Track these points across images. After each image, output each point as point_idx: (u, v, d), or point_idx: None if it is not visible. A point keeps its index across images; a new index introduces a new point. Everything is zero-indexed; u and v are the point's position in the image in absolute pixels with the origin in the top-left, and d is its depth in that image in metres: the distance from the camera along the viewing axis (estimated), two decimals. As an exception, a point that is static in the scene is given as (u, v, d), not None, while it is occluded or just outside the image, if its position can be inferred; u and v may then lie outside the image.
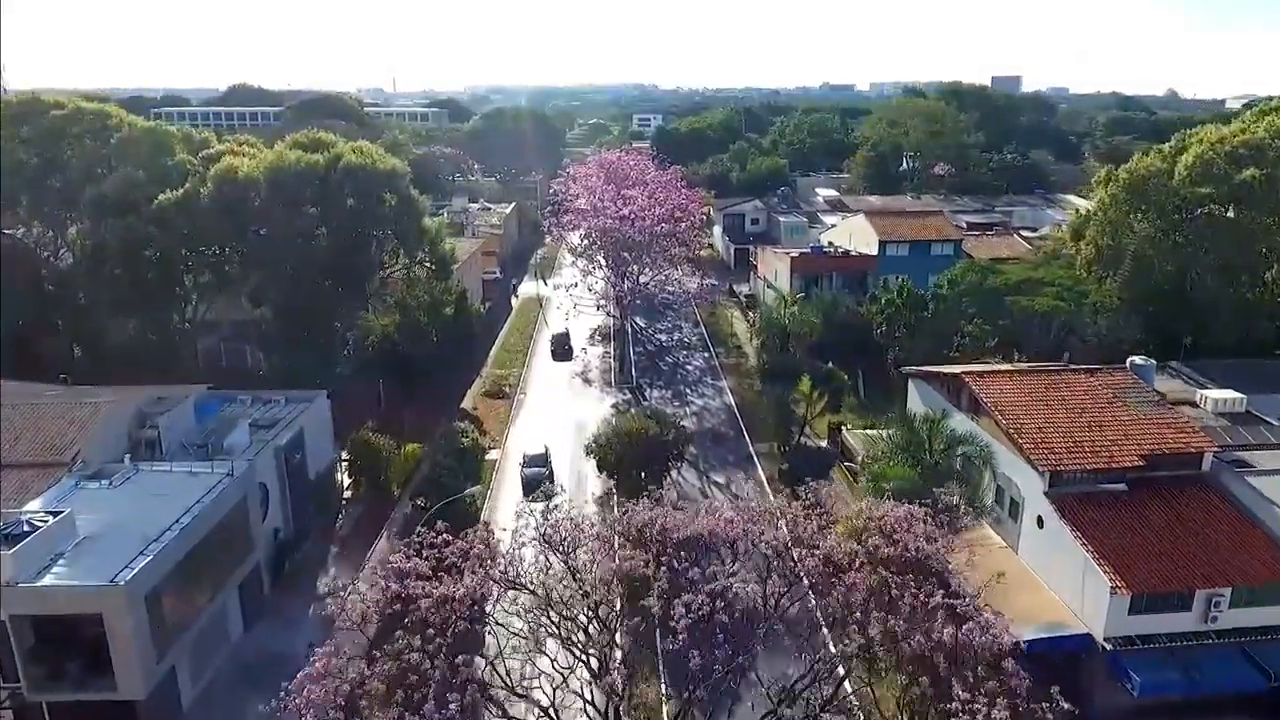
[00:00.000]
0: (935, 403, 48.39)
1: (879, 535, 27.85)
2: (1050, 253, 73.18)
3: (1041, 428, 39.36)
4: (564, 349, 79.36)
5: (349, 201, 52.10)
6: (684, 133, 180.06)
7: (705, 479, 54.85)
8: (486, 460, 56.65)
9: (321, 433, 49.48)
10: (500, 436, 61.50)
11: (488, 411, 66.41)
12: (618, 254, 74.58)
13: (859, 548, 27.34)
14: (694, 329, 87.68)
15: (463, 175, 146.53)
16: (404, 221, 54.37)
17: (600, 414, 65.67)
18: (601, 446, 46.76)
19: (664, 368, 77.08)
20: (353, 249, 52.77)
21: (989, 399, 41.45)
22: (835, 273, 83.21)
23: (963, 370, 44.28)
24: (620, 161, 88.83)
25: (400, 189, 54.03)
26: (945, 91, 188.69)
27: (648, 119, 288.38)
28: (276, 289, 53.06)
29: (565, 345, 79.91)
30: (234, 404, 49.03)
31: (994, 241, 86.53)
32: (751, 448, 59.36)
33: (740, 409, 66.36)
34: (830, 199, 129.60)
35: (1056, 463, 37.26)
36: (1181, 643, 33.69)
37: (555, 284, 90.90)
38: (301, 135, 56.21)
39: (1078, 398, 41.74)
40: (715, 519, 29.12)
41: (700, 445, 59.67)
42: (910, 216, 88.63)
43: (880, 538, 27.75)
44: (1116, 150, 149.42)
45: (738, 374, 74.55)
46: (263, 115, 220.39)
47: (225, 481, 37.73)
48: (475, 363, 75.95)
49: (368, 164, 51.87)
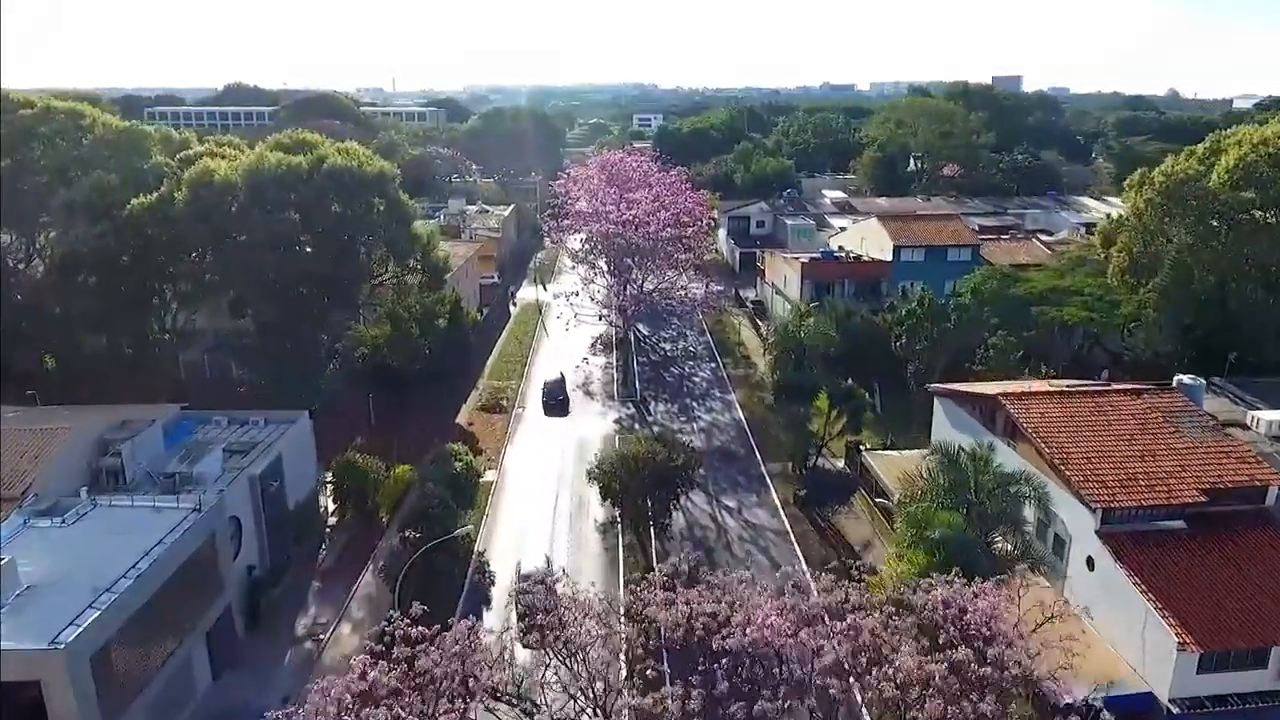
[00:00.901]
0: (965, 425, 44.93)
1: (943, 617, 23.91)
2: (1075, 259, 69.61)
3: (1090, 457, 35.83)
4: (557, 400, 66.20)
5: (333, 206, 48.48)
6: (686, 133, 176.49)
7: (715, 502, 51.28)
8: (483, 482, 53.23)
9: (303, 456, 45.92)
10: (497, 455, 57.93)
11: (484, 428, 62.84)
12: (620, 260, 70.99)
13: (926, 640, 23.26)
14: (699, 337, 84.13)
15: (460, 176, 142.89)
16: (393, 227, 50.69)
17: (603, 430, 62.22)
18: (605, 473, 43.20)
19: (669, 379, 73.50)
20: (339, 256, 49.18)
21: (1030, 424, 37.94)
22: (848, 279, 79.70)
23: (999, 391, 40.74)
24: (622, 163, 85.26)
25: (389, 193, 50.32)
26: (952, 91, 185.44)
27: (648, 119, 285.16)
28: (257, 300, 49.54)
29: (559, 396, 66.65)
30: (209, 426, 45.49)
31: (1012, 246, 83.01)
32: (764, 467, 55.81)
33: (750, 424, 62.83)
34: (838, 201, 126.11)
35: (1109, 499, 33.74)
36: (1256, 704, 30.21)
37: (555, 292, 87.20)
38: (284, 136, 52.56)
39: (1126, 422, 38.26)
40: (760, 625, 23.58)
41: (709, 464, 56.07)
42: (925, 220, 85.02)
43: (947, 623, 23.83)
44: (1130, 151, 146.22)
45: (747, 386, 71.02)
46: (257, 115, 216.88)
47: (192, 518, 34.18)
48: (471, 373, 72.46)
49: (353, 166, 48.17)
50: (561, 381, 68.35)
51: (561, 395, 66.71)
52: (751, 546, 46.20)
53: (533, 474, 55.33)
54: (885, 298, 79.93)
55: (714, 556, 45.37)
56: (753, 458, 57.33)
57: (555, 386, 67.56)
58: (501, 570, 43.69)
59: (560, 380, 68.47)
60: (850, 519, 48.64)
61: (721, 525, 48.65)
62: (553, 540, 46.91)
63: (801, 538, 46.91)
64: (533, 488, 53.41)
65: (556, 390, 67.20)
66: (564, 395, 66.91)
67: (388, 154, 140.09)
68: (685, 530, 47.71)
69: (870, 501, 48.95)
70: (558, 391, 67.09)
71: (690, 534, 47.59)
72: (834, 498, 47.37)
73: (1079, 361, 62.86)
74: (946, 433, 47.17)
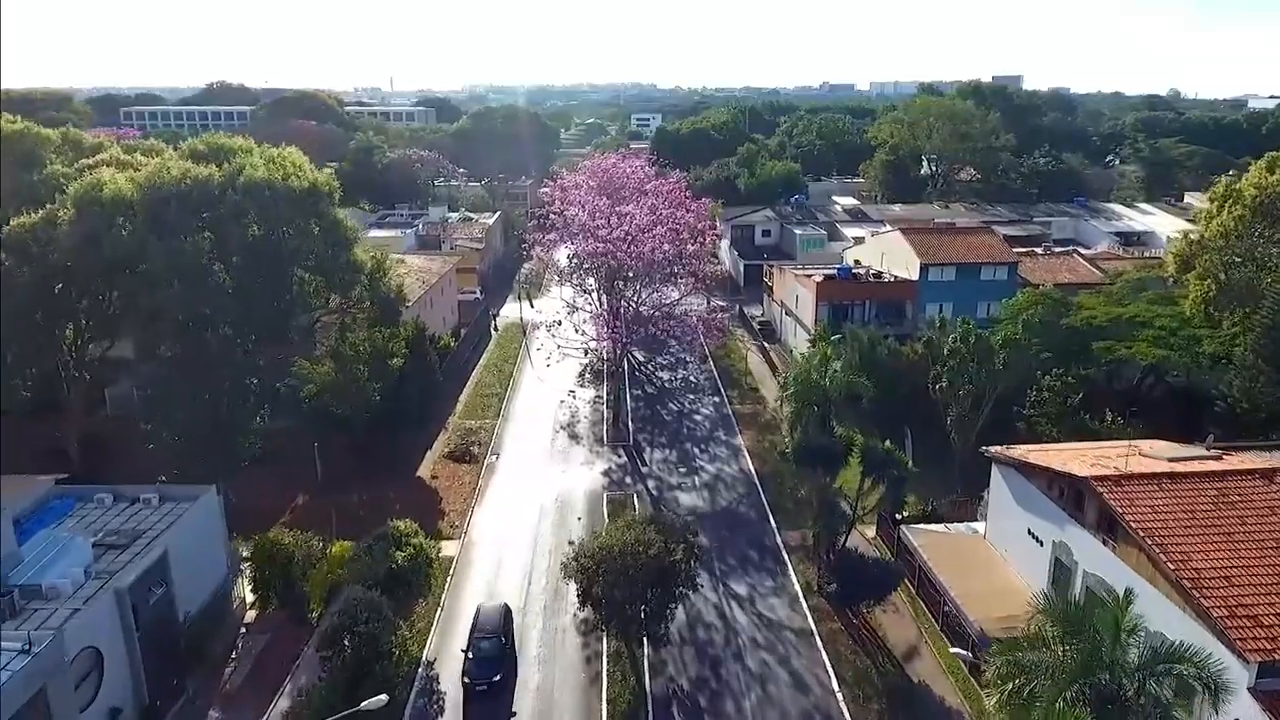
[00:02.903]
0: (1036, 505, 35.88)
1: None
2: (1133, 282, 60.48)
3: (1230, 578, 26.71)
4: (486, 662, 34.48)
5: (254, 228, 39.31)
6: (685, 134, 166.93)
7: (722, 587, 42.12)
8: (443, 556, 44.16)
9: (206, 543, 36.76)
10: (463, 519, 48.76)
11: (450, 481, 53.66)
12: (611, 284, 61.78)
13: None
14: (700, 365, 74.94)
15: (444, 180, 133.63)
16: (329, 253, 41.50)
17: (589, 484, 53.13)
18: (584, 571, 34.01)
19: (666, 418, 64.33)
20: (263, 289, 40.13)
21: (1139, 523, 28.85)
22: (868, 301, 70.61)
23: (1092, 474, 31.60)
24: (615, 169, 76.09)
25: (323, 211, 41.04)
26: (963, 90, 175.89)
27: (647, 119, 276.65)
28: (164, 339, 40.48)
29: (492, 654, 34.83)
30: (90, 504, 36.41)
31: (1053, 263, 73.76)
32: (778, 537, 46.71)
33: (761, 478, 53.78)
34: (850, 208, 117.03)
35: (1271, 648, 24.58)
36: None
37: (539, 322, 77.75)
38: (200, 141, 43.41)
39: (1264, 518, 29.20)
40: None
41: (714, 531, 47.15)
42: (954, 234, 75.87)
43: None
44: (1161, 154, 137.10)
45: (756, 427, 61.90)
46: (238, 115, 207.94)
47: (14, 667, 25.04)
48: (441, 409, 63.40)
49: (276, 180, 38.84)
50: (502, 621, 36.41)
51: (496, 652, 34.77)
52: (768, 656, 37.01)
53: (503, 545, 46.19)
54: (908, 320, 71.14)
55: (722, 669, 36.33)
56: (765, 524, 48.23)
57: (490, 626, 35.81)
58: (455, 686, 34.76)
59: (500, 619, 36.44)
60: (889, 613, 39.52)
61: (730, 622, 39.44)
62: (522, 642, 37.73)
63: (830, 640, 37.78)
64: (502, 565, 44.26)
65: (490, 632, 35.47)
66: (501, 652, 34.93)
67: (366, 156, 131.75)
68: (684, 628, 38.57)
69: (914, 591, 39.88)
70: (492, 635, 35.33)
71: (691, 634, 38.45)
72: (869, 591, 38.26)
73: (1138, 400, 53.82)
74: (1009, 511, 38.14)
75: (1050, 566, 34.51)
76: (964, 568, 37.71)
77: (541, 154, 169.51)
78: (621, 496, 51.12)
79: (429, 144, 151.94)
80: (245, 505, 47.93)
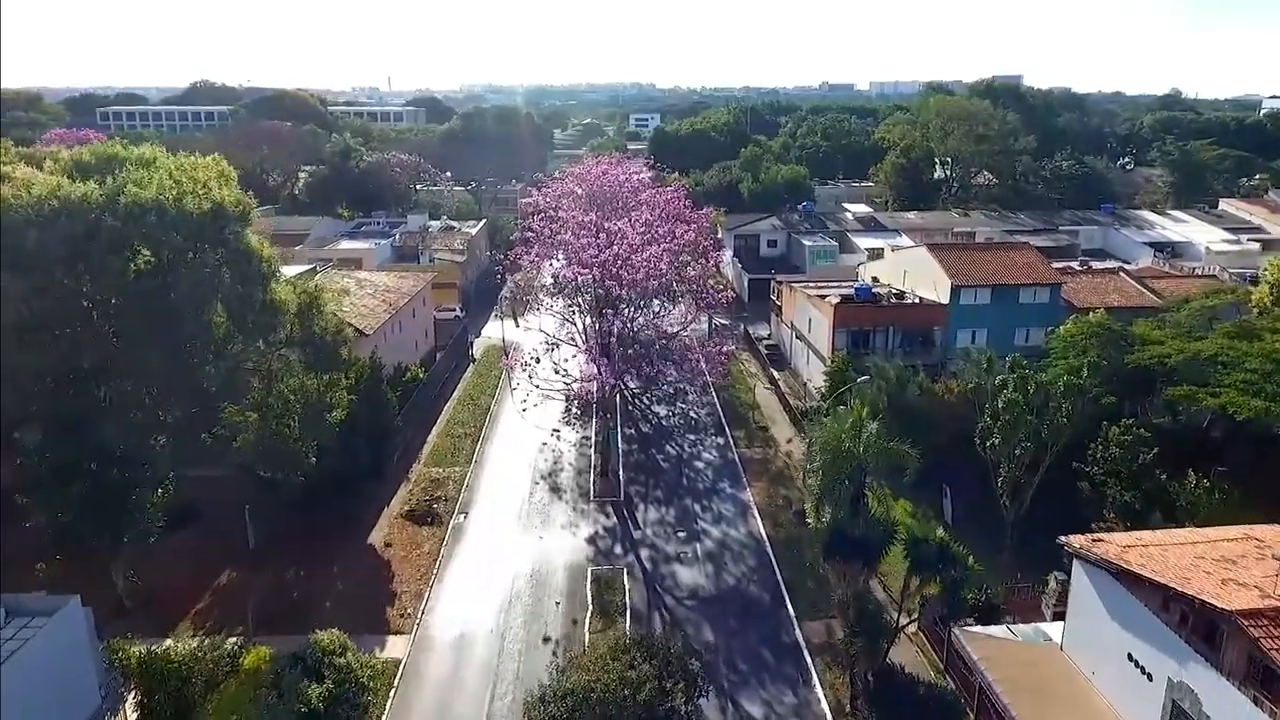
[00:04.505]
0: (1138, 623, 27.61)
1: None
2: (1203, 309, 52.30)
3: None
4: None
5: (139, 260, 31.03)
6: (684, 135, 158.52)
7: (730, 707, 33.76)
8: (388, 659, 36.05)
9: (66, 671, 28.50)
10: (416, 605, 40.46)
11: (406, 550, 45.31)
12: (600, 312, 53.48)
13: None
14: (702, 397, 66.63)
15: (427, 185, 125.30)
16: (239, 291, 33.14)
17: (570, 554, 44.84)
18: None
19: (663, 464, 56.03)
20: (157, 334, 31.96)
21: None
22: (891, 326, 62.37)
23: (1243, 613, 23.35)
24: (606, 176, 67.86)
25: (228, 240, 32.65)
26: (975, 89, 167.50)
27: (645, 119, 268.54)
28: (32, 400, 32.31)
29: None
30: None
31: (1099, 284, 65.36)
32: (798, 630, 38.43)
33: (774, 545, 45.55)
34: (862, 216, 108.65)
35: None
36: None
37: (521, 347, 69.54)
38: (85, 151, 35.10)
39: None
40: None
41: (719, 621, 39.08)
42: (988, 250, 67.63)
43: None
44: (1191, 156, 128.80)
45: (766, 477, 53.67)
46: (218, 115, 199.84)
47: None
48: (406, 453, 55.29)
49: (167, 201, 30.47)
50: None
51: None
52: (793, 819, 28.83)
53: (464, 643, 37.90)
54: (937, 349, 62.95)
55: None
56: (781, 611, 39.94)
57: None
58: None
59: None
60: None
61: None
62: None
63: (870, 790, 29.60)
64: (460, 675, 35.92)
65: None
66: None
67: (343, 159, 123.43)
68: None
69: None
70: None
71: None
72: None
73: (1205, 447, 45.75)
74: (1098, 624, 29.79)
75: (1166, 714, 26.27)
76: (1042, 698, 29.46)
77: (533, 156, 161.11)
78: (609, 574, 42.78)
79: (414, 146, 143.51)
80: (155, 585, 39.97)
